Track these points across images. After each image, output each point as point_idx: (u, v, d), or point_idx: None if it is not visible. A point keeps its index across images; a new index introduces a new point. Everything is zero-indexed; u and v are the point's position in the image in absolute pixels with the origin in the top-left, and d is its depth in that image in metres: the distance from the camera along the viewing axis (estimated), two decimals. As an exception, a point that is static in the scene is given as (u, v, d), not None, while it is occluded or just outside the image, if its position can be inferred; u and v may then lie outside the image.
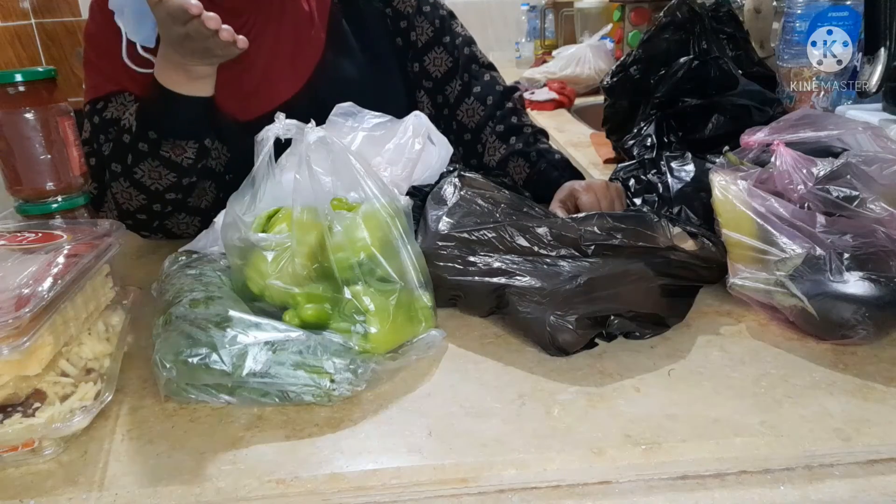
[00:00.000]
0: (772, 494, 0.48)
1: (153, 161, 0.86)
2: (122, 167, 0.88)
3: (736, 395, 0.55)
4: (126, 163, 0.87)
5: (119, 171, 0.88)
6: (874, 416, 0.52)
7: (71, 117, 0.90)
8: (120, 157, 0.88)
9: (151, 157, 0.86)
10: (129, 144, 0.86)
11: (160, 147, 0.86)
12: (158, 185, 0.88)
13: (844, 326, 0.59)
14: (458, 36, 1.05)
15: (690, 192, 0.81)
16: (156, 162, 0.86)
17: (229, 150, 0.95)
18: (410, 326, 0.64)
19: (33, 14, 2.22)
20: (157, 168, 0.87)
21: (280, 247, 0.64)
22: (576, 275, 0.63)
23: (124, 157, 0.87)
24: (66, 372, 0.57)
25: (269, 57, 0.95)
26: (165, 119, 0.85)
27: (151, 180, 0.88)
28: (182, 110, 0.84)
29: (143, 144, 0.86)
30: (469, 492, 0.49)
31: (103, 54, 0.92)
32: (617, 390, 0.57)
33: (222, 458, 0.51)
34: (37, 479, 0.50)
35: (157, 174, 0.87)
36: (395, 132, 0.82)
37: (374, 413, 0.56)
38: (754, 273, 0.64)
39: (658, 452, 0.49)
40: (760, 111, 1.00)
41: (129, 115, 0.89)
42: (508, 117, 1.03)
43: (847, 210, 0.62)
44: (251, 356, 0.55)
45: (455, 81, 1.04)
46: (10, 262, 0.59)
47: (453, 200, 0.73)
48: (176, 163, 0.87)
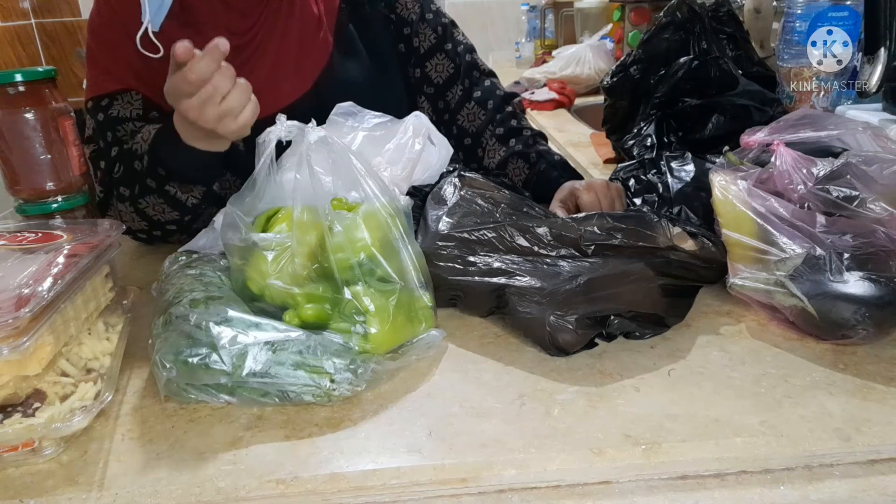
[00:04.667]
0: (772, 494, 0.48)
1: (158, 197, 0.85)
2: (130, 193, 0.87)
3: (736, 395, 0.55)
4: (133, 191, 0.86)
5: (126, 196, 0.87)
6: (874, 416, 0.52)
7: (71, 117, 0.90)
8: (129, 184, 0.86)
9: (157, 193, 0.85)
10: (139, 173, 0.84)
11: (167, 184, 0.84)
12: (161, 217, 0.88)
13: (844, 326, 0.59)
14: (460, 43, 1.05)
15: (690, 192, 0.81)
16: (160, 199, 0.85)
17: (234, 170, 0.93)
18: (410, 327, 0.64)
19: (33, 14, 2.22)
20: (161, 203, 0.86)
21: (280, 247, 0.64)
22: (576, 275, 0.63)
23: (132, 185, 0.86)
24: (66, 372, 0.57)
25: (275, 58, 0.94)
26: (176, 164, 0.82)
27: (155, 212, 0.87)
28: (195, 161, 0.81)
29: (151, 181, 0.84)
30: (469, 492, 0.49)
31: (108, 49, 0.91)
32: (617, 390, 0.57)
33: (222, 458, 0.51)
34: (37, 479, 0.50)
35: (161, 209, 0.87)
36: (395, 132, 0.82)
37: (374, 413, 0.56)
38: (754, 273, 0.64)
39: (658, 452, 0.49)
40: (760, 111, 1.01)
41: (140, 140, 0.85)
42: (508, 120, 1.03)
43: (847, 210, 0.62)
44: (251, 356, 0.55)
45: (456, 87, 1.04)
46: (10, 262, 0.59)
47: (453, 200, 0.73)
48: (181, 202, 0.86)
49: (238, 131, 0.73)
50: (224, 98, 0.70)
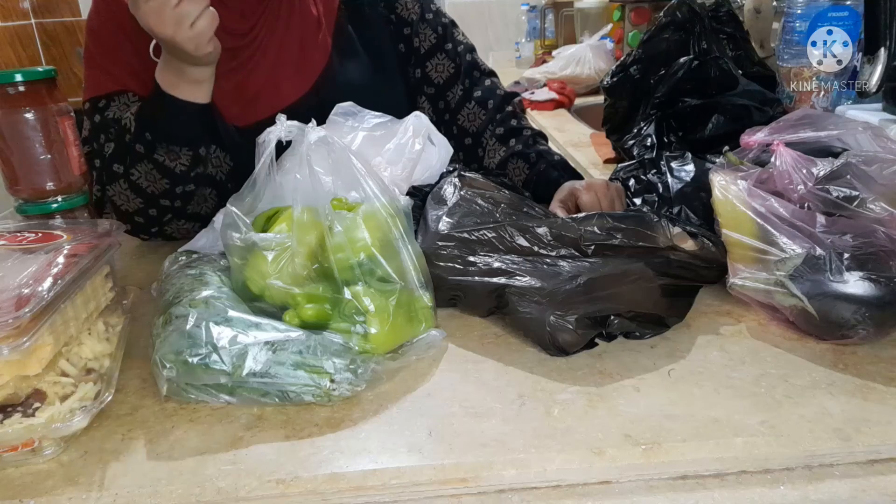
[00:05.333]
0: (772, 494, 0.48)
1: (148, 164, 0.87)
2: (123, 168, 0.88)
3: (736, 395, 0.55)
4: (125, 163, 0.87)
5: (120, 173, 0.88)
6: (874, 416, 0.52)
7: (71, 117, 0.90)
8: (121, 158, 0.88)
9: (146, 159, 0.86)
10: (128, 144, 0.87)
11: (155, 150, 0.86)
12: (154, 188, 0.88)
13: (844, 326, 0.59)
14: (460, 43, 1.05)
15: (690, 192, 0.81)
16: (150, 165, 0.87)
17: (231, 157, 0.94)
18: (410, 327, 0.64)
19: (33, 14, 2.22)
20: (151, 171, 0.87)
21: (280, 247, 0.64)
22: (576, 275, 0.63)
23: (124, 158, 0.87)
24: (66, 372, 0.57)
25: (275, 60, 0.95)
26: (161, 121, 0.85)
27: (147, 182, 0.88)
28: (178, 114, 0.84)
29: (140, 146, 0.86)
30: (469, 492, 0.49)
31: (106, 51, 0.92)
32: (617, 390, 0.57)
33: (222, 458, 0.51)
34: (37, 479, 0.50)
35: (153, 177, 0.88)
36: (395, 132, 0.82)
37: (374, 413, 0.56)
38: (754, 273, 0.64)
39: (658, 452, 0.49)
40: (760, 111, 1.00)
41: (130, 114, 0.89)
42: (508, 120, 1.03)
43: (847, 210, 0.62)
44: (251, 356, 0.55)
45: (456, 87, 1.04)
46: (10, 262, 0.59)
47: (453, 200, 0.73)
48: (169, 168, 0.87)
49: (195, 39, 0.77)
50: (179, 2, 0.75)
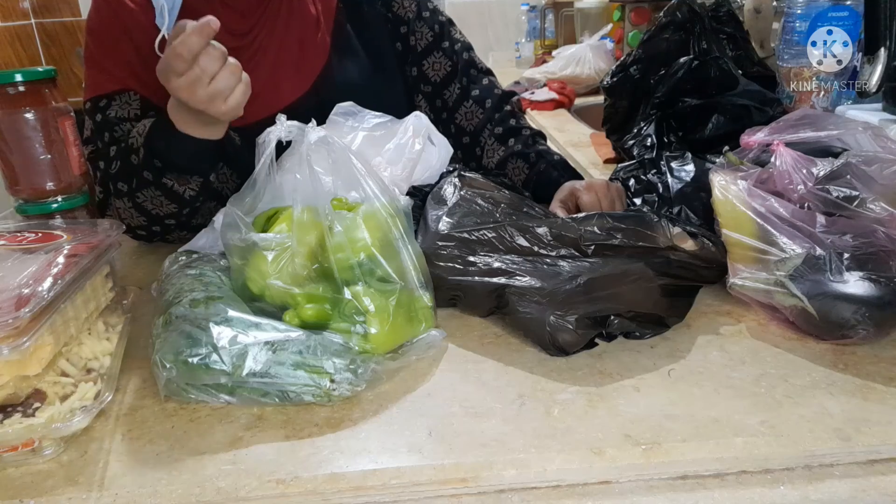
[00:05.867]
0: (772, 494, 0.48)
1: (156, 190, 0.85)
2: (128, 189, 0.86)
3: (736, 395, 0.55)
4: (131, 185, 0.86)
5: (124, 191, 0.87)
6: (874, 416, 0.52)
7: (71, 117, 0.90)
8: (126, 179, 0.86)
9: (155, 185, 0.84)
10: (135, 167, 0.84)
11: (164, 176, 0.84)
12: (159, 211, 0.87)
13: (844, 326, 0.59)
14: (457, 41, 1.05)
15: (690, 192, 0.81)
16: (158, 191, 0.85)
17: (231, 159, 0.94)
18: (410, 327, 0.64)
19: (33, 14, 2.22)
20: (158, 196, 0.86)
21: (280, 247, 0.64)
22: (576, 275, 0.63)
23: (130, 180, 0.86)
24: (66, 372, 0.57)
25: (275, 60, 0.94)
26: (174, 154, 0.82)
27: (153, 206, 0.87)
28: (190, 149, 0.81)
29: (148, 173, 0.84)
30: (469, 492, 0.49)
31: (106, 50, 0.91)
32: (617, 390, 0.57)
33: (222, 458, 0.51)
34: (37, 479, 0.50)
35: (159, 202, 0.86)
36: (395, 132, 0.82)
37: (374, 413, 0.56)
38: (754, 273, 0.64)
39: (658, 452, 0.49)
40: (760, 111, 1.00)
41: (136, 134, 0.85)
42: (507, 120, 1.03)
43: (847, 210, 0.62)
44: (251, 356, 0.55)
45: (454, 85, 1.04)
46: (10, 262, 0.59)
47: (453, 200, 0.73)
48: (178, 194, 0.85)
49: (228, 113, 0.73)
50: (213, 79, 0.71)
